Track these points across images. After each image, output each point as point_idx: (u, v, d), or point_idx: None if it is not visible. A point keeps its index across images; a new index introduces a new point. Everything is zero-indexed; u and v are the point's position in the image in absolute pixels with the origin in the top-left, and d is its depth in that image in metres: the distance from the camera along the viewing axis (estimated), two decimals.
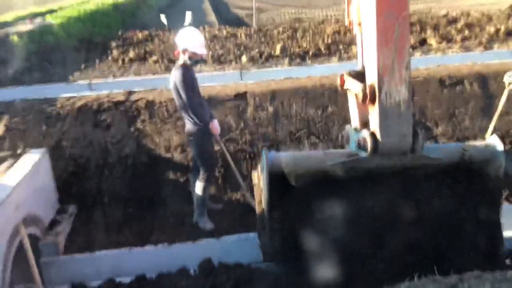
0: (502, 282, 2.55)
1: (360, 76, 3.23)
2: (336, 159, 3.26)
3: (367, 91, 3.02)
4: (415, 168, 3.38)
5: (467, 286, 2.55)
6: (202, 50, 4.34)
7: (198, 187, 4.65)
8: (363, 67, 3.23)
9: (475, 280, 2.62)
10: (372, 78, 3.05)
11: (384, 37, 2.92)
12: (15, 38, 10.19)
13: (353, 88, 3.24)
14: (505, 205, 4.82)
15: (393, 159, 3.21)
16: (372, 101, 3.04)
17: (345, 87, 3.39)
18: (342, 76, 3.40)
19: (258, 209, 3.72)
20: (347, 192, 3.42)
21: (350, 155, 3.26)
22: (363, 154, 3.15)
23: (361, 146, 3.16)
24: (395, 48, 2.94)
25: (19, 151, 5.06)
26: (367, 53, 3.09)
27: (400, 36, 2.93)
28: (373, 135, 3.07)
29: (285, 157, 3.34)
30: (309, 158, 3.36)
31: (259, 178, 3.66)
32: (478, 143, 3.62)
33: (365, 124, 3.21)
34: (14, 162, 4.57)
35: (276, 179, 3.27)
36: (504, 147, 5.92)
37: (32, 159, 4.56)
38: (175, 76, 4.31)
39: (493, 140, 3.47)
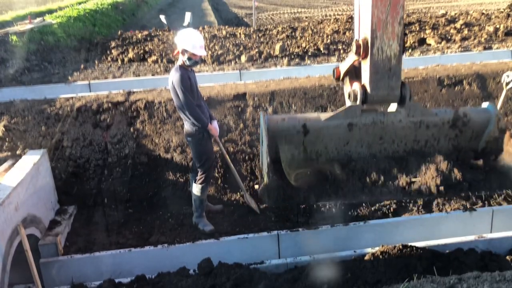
0: (500, 282, 2.56)
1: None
2: (329, 115, 3.37)
3: (361, 43, 3.15)
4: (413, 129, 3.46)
5: (466, 286, 2.56)
6: (201, 51, 4.33)
7: (196, 189, 4.65)
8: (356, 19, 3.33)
9: (474, 280, 2.62)
10: (365, 31, 3.16)
11: None
12: (14, 37, 10.18)
13: (347, 61, 3.37)
14: (505, 206, 4.85)
15: (389, 117, 3.37)
16: (365, 54, 3.17)
17: (340, 70, 3.50)
18: (337, 68, 3.55)
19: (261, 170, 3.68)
20: (344, 142, 3.48)
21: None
22: (354, 104, 3.29)
23: (351, 98, 3.32)
24: (389, 2, 3.05)
25: (18, 152, 5.07)
26: (363, 7, 3.19)
27: None
28: (363, 87, 3.24)
29: (281, 115, 3.52)
30: (305, 116, 3.46)
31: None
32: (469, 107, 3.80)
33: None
34: (14, 163, 4.58)
35: (273, 136, 3.34)
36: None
37: (31, 160, 4.56)
38: (173, 77, 4.31)
39: (483, 104, 3.62)
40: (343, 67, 3.47)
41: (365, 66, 3.23)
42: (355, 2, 3.39)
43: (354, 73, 3.40)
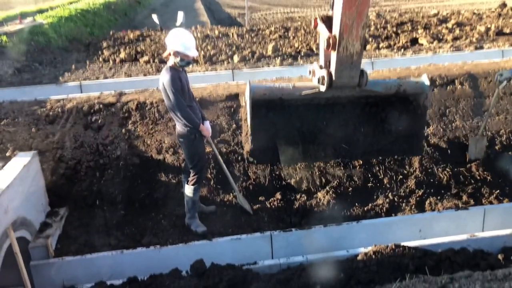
0: (492, 282, 2.57)
1: (328, 21, 4.04)
2: (302, 90, 4.39)
3: (331, 41, 3.90)
4: (362, 98, 4.52)
5: (457, 285, 2.56)
6: (193, 52, 4.29)
7: (188, 190, 4.62)
8: (332, 13, 4.00)
9: (466, 279, 2.63)
10: (336, 31, 3.87)
11: (348, 4, 3.64)
12: (4, 38, 10.08)
13: (322, 32, 4.09)
14: (496, 205, 4.88)
15: (344, 91, 4.35)
16: (333, 49, 3.92)
17: (317, 29, 4.19)
18: (315, 19, 4.20)
19: (244, 128, 4.80)
20: (310, 113, 4.58)
21: (312, 88, 4.33)
22: (321, 88, 4.21)
23: (320, 81, 4.23)
24: (356, 11, 3.69)
25: (8, 154, 5.02)
26: (336, 11, 3.81)
27: (361, 2, 3.65)
28: (330, 74, 4.11)
29: (264, 87, 4.50)
30: (282, 89, 4.46)
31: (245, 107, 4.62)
32: (411, 79, 4.95)
33: (327, 62, 4.18)
34: (3, 165, 4.52)
35: (257, 103, 4.34)
36: (496, 147, 6.02)
37: (21, 162, 4.51)
38: (163, 78, 4.28)
39: (423, 78, 4.55)
40: (320, 28, 4.15)
41: (333, 57, 3.99)
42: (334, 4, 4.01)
43: (328, 22, 4.04)
